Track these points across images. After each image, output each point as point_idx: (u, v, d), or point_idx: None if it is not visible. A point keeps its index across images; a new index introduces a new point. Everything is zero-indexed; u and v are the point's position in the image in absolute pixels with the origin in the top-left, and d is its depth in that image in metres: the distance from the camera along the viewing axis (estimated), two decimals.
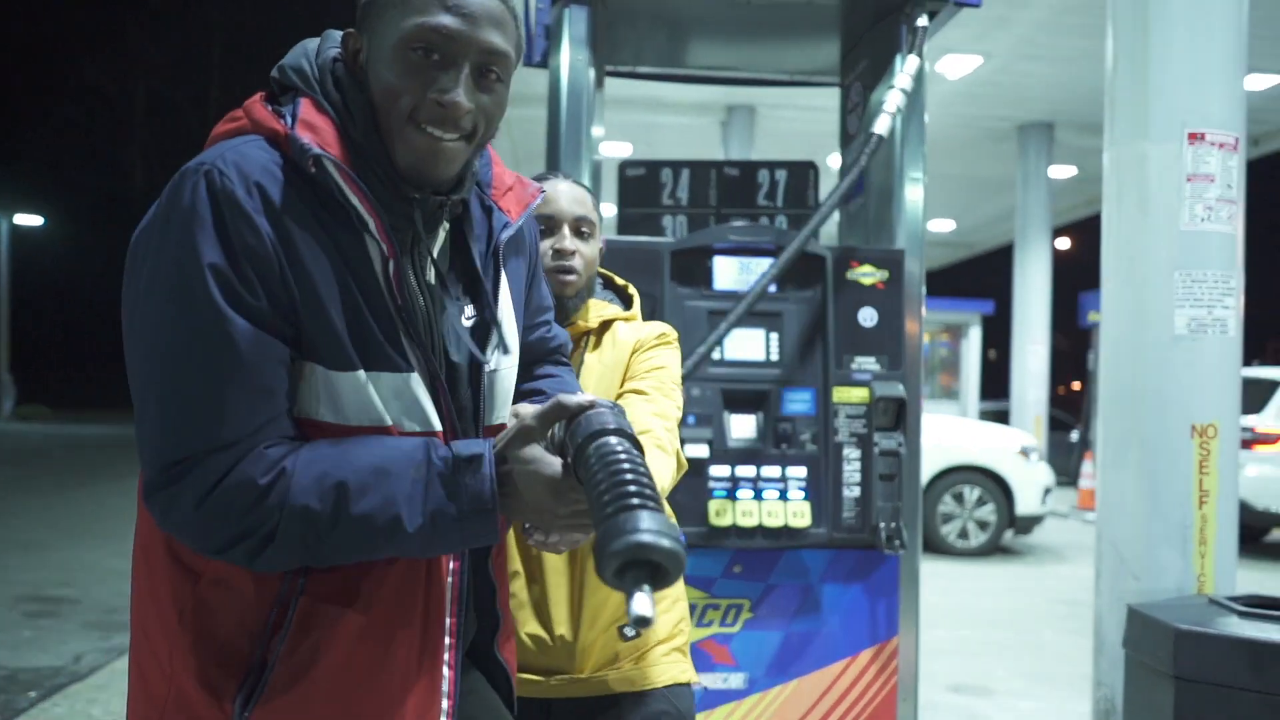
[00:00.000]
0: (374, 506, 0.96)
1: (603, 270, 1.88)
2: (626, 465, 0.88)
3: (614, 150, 12.88)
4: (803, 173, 3.22)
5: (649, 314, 2.57)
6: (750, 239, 2.81)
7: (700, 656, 2.78)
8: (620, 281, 1.91)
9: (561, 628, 1.63)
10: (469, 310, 1.16)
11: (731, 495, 2.71)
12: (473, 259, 1.15)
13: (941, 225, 17.89)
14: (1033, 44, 8.97)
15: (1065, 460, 13.02)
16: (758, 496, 2.73)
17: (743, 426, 2.80)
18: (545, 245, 1.67)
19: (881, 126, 2.73)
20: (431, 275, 1.11)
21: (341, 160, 1.02)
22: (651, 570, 0.82)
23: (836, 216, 3.41)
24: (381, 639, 1.05)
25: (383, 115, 1.04)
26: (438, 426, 1.08)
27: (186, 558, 1.04)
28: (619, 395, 1.66)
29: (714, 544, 2.71)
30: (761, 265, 2.82)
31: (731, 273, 2.84)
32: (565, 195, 1.71)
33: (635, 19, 3.17)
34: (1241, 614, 2.58)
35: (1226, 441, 3.08)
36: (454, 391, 1.12)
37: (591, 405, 0.99)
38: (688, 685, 1.70)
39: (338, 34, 1.12)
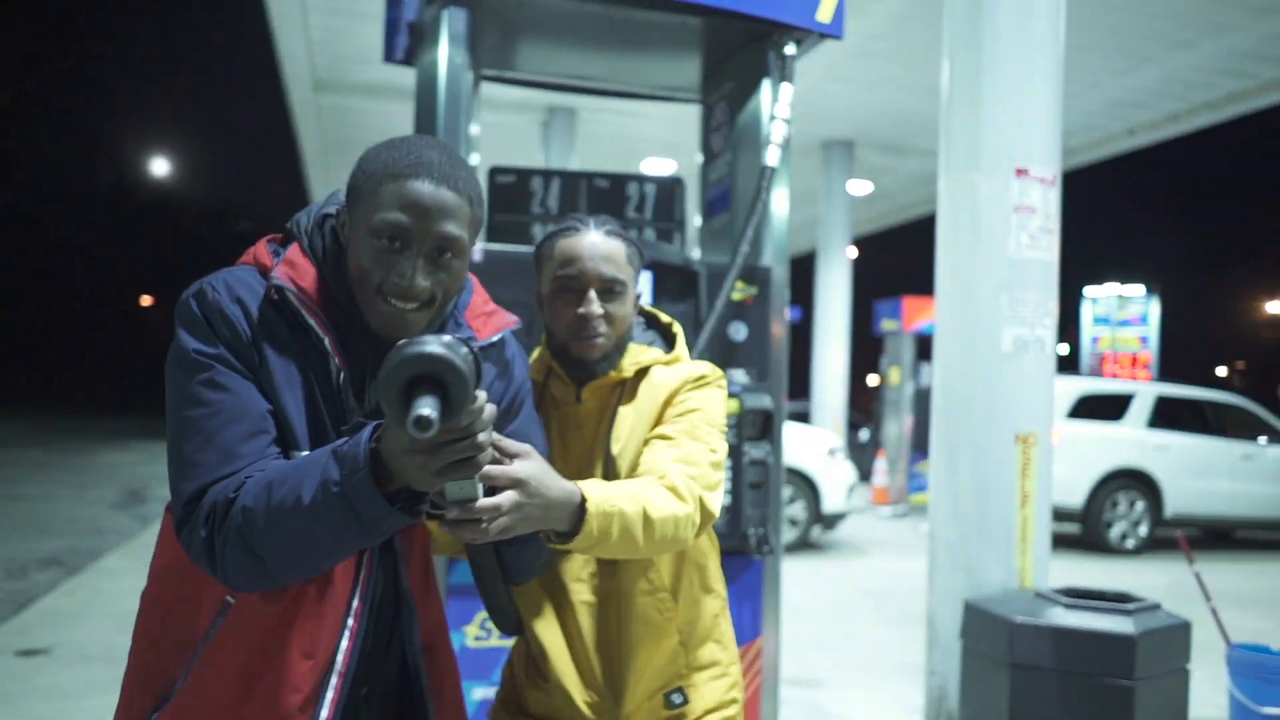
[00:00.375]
0: (286, 492, 1.14)
1: (646, 309, 1.76)
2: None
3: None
4: (670, 187, 3.30)
5: (527, 326, 2.56)
6: None
7: None
8: (665, 320, 1.75)
9: (602, 693, 1.56)
10: None
11: None
12: None
13: None
14: (840, 67, 9.52)
15: (858, 459, 13.89)
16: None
17: None
18: (568, 310, 1.58)
19: (773, 158, 2.88)
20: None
21: (311, 293, 1.28)
22: (437, 386, 0.97)
23: (697, 230, 3.51)
24: (260, 677, 1.24)
25: (357, 286, 1.28)
26: None
27: (163, 596, 1.31)
28: (646, 441, 1.55)
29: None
30: (640, 278, 2.87)
31: None
32: (591, 253, 1.58)
33: (506, 24, 3.14)
34: (1067, 605, 2.88)
35: (1043, 448, 3.42)
36: None
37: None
38: None
39: (341, 194, 1.36)
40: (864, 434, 16.61)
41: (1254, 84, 10.05)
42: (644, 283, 2.89)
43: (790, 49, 3.05)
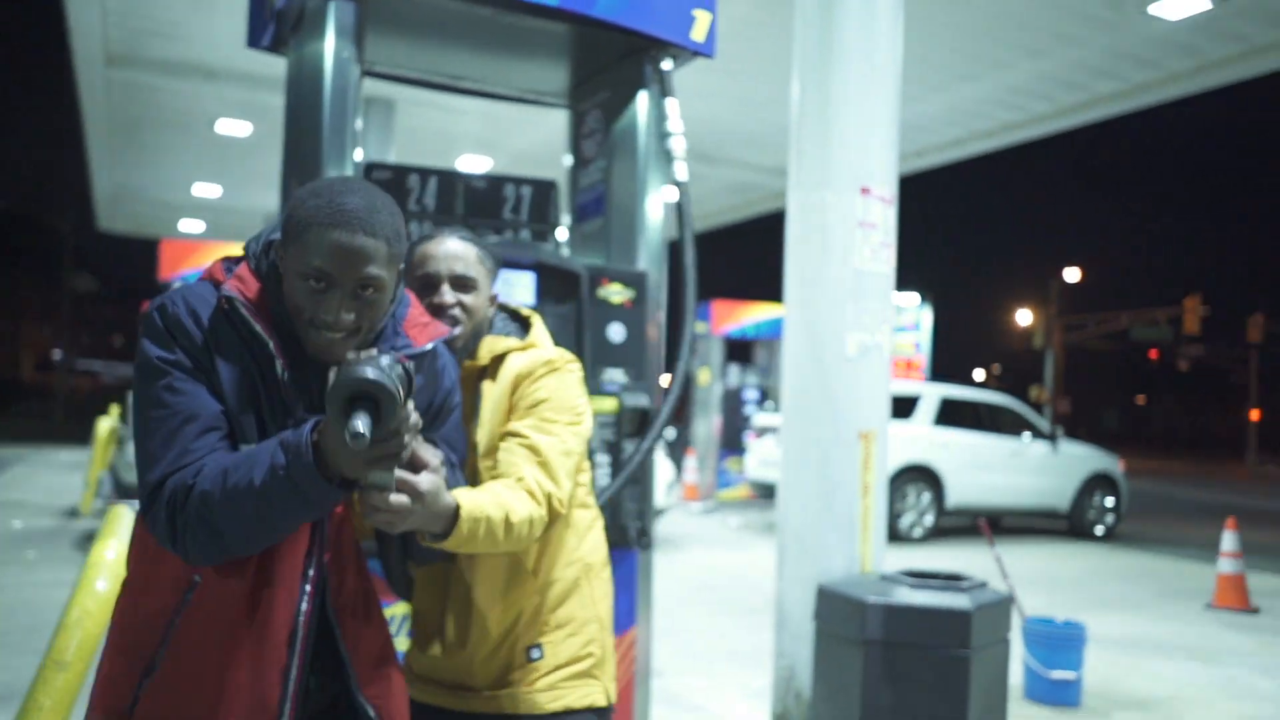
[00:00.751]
0: (240, 477, 1.31)
1: (505, 305, 1.94)
2: (350, 360, 1.24)
3: (231, 129, 11.96)
4: (545, 190, 3.37)
5: None
6: (513, 254, 2.91)
7: None
8: (524, 313, 1.94)
9: (454, 642, 1.72)
10: None
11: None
12: None
13: None
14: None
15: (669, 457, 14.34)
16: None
17: None
18: (429, 303, 1.78)
19: (682, 173, 3.04)
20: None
21: (258, 303, 1.45)
22: (371, 403, 1.20)
23: (568, 233, 3.60)
24: (228, 636, 1.40)
25: (293, 316, 1.44)
26: None
27: (137, 578, 1.48)
28: (502, 436, 1.71)
29: None
30: (522, 279, 2.93)
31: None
32: (443, 254, 1.81)
33: (386, 19, 3.11)
34: (911, 585, 3.18)
35: (881, 444, 3.74)
36: None
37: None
38: (589, 710, 1.77)
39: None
40: (671, 433, 17.13)
41: (1023, 116, 11.21)
42: (527, 284, 2.96)
43: (667, 64, 3.20)
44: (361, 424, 1.17)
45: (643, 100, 3.22)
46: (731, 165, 12.93)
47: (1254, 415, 36.10)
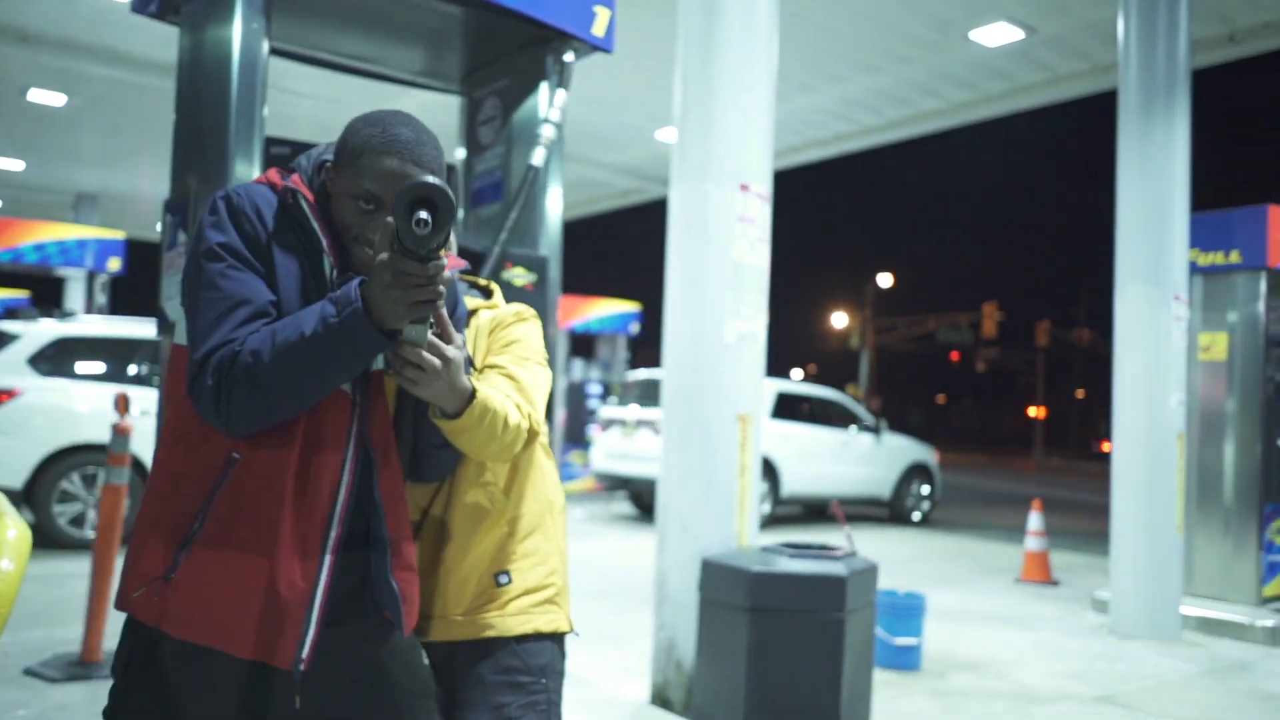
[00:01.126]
0: (290, 331, 1.42)
1: (464, 275, 2.02)
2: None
3: (46, 98, 11.09)
4: (447, 174, 3.41)
5: None
6: None
7: None
8: (482, 283, 2.06)
9: (427, 570, 1.80)
10: None
11: None
12: None
13: None
14: None
15: None
16: None
17: None
18: None
19: (539, 159, 3.12)
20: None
21: (313, 205, 1.54)
22: (431, 206, 1.29)
23: (463, 218, 3.65)
24: (272, 506, 1.47)
25: (340, 232, 1.55)
26: None
27: (176, 452, 1.53)
28: (480, 370, 1.79)
29: None
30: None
31: None
32: None
33: None
34: (791, 556, 3.43)
35: (755, 427, 3.98)
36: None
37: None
38: (551, 635, 1.86)
39: (333, 144, 1.62)
40: None
41: (854, 128, 11.92)
42: None
43: (569, 56, 3.31)
44: (425, 212, 1.29)
45: (544, 91, 3.32)
46: (575, 161, 13.07)
47: (1040, 413, 39.51)
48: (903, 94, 10.64)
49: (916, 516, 12.28)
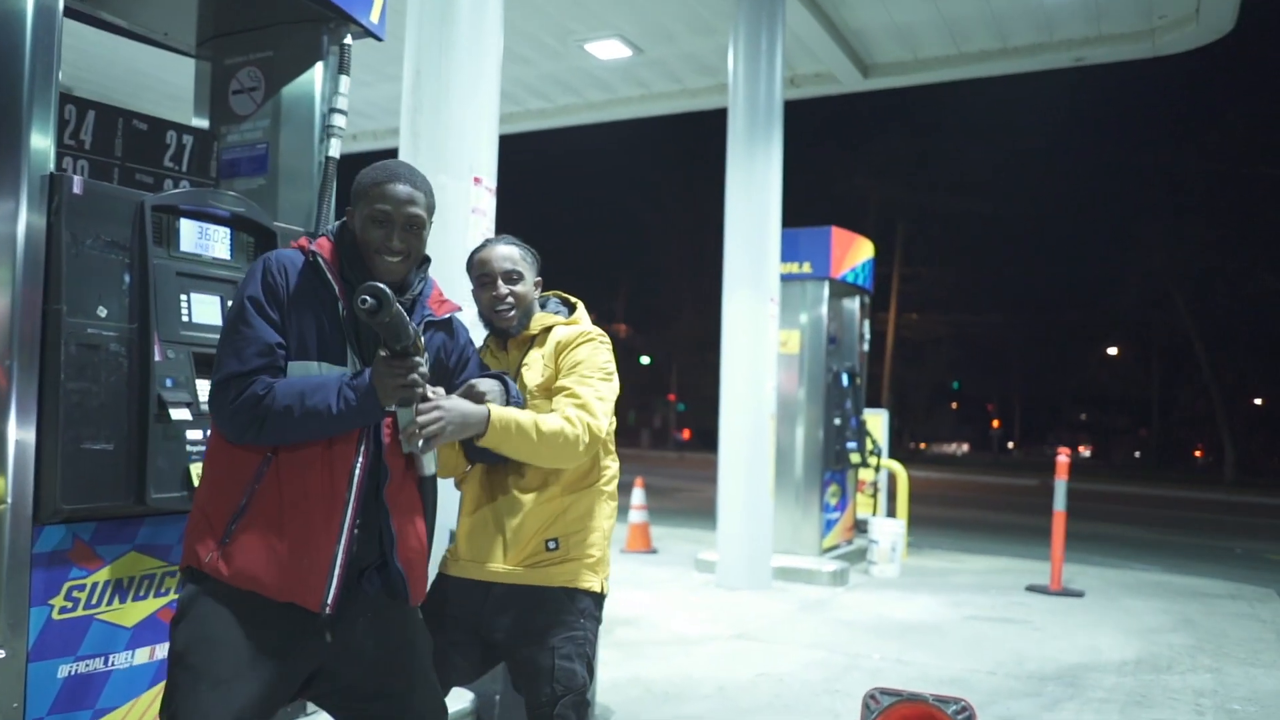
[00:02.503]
0: (316, 402, 2.00)
1: (557, 293, 2.70)
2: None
3: None
4: (207, 141, 3.33)
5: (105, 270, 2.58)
6: (214, 205, 2.94)
7: (158, 626, 2.81)
8: (572, 300, 2.68)
9: (494, 528, 2.47)
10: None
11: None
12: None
13: None
14: None
15: None
16: None
17: (207, 391, 2.91)
18: (486, 295, 2.58)
19: (335, 150, 3.27)
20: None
21: (330, 261, 2.15)
22: (374, 293, 1.88)
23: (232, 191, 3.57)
24: (302, 494, 2.04)
25: (364, 252, 2.16)
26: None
27: (223, 452, 2.11)
28: (551, 389, 2.43)
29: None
30: (219, 234, 2.99)
31: (192, 236, 2.92)
32: (496, 256, 2.59)
33: None
34: None
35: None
36: None
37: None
38: (588, 591, 2.46)
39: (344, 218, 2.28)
40: None
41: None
42: (223, 239, 3.01)
43: (348, 39, 3.44)
44: (366, 298, 1.88)
45: (319, 71, 3.42)
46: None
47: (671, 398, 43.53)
48: (512, 91, 11.34)
49: None
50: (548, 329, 2.57)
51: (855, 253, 8.80)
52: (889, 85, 10.08)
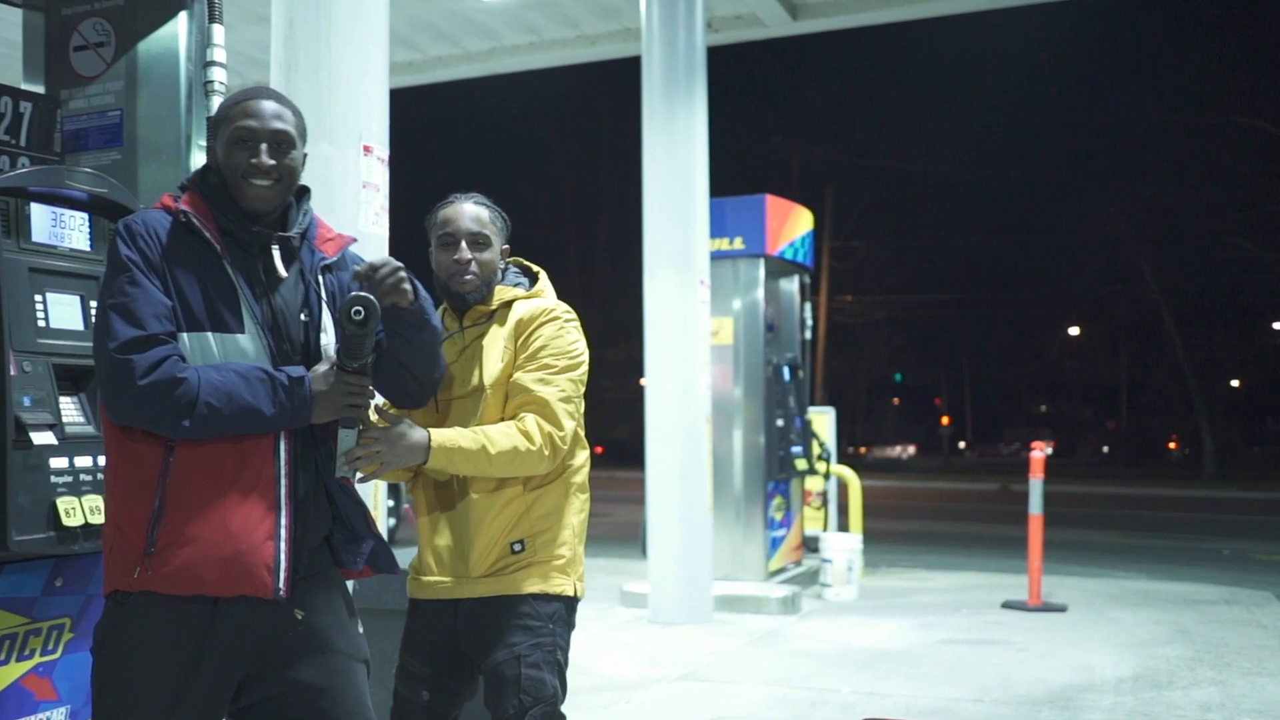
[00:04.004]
0: (246, 402, 2.12)
1: (519, 260, 2.86)
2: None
3: None
4: (49, 109, 3.30)
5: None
6: (70, 186, 2.93)
7: (21, 697, 2.79)
8: (535, 269, 2.83)
9: (456, 536, 2.65)
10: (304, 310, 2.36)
11: (77, 491, 2.82)
12: (303, 278, 2.36)
13: None
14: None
15: None
16: (99, 490, 2.89)
17: (71, 409, 2.90)
18: (446, 257, 2.70)
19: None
20: (262, 273, 2.28)
21: (202, 215, 2.25)
22: (364, 304, 2.12)
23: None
24: (220, 473, 2.17)
25: (230, 181, 2.26)
26: (266, 365, 2.21)
27: (121, 452, 2.21)
28: (510, 378, 2.63)
29: (67, 548, 2.76)
30: (76, 220, 2.98)
31: (45, 225, 2.91)
32: (462, 214, 2.71)
33: None
34: None
35: None
36: (290, 348, 2.29)
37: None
38: (559, 595, 2.66)
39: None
40: None
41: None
42: (81, 226, 3.00)
43: None
44: (360, 309, 2.11)
45: (183, 22, 3.42)
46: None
47: None
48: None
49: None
50: (508, 304, 2.73)
51: (793, 224, 9.06)
52: (819, 29, 10.37)
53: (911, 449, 63.74)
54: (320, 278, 2.38)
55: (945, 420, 55.47)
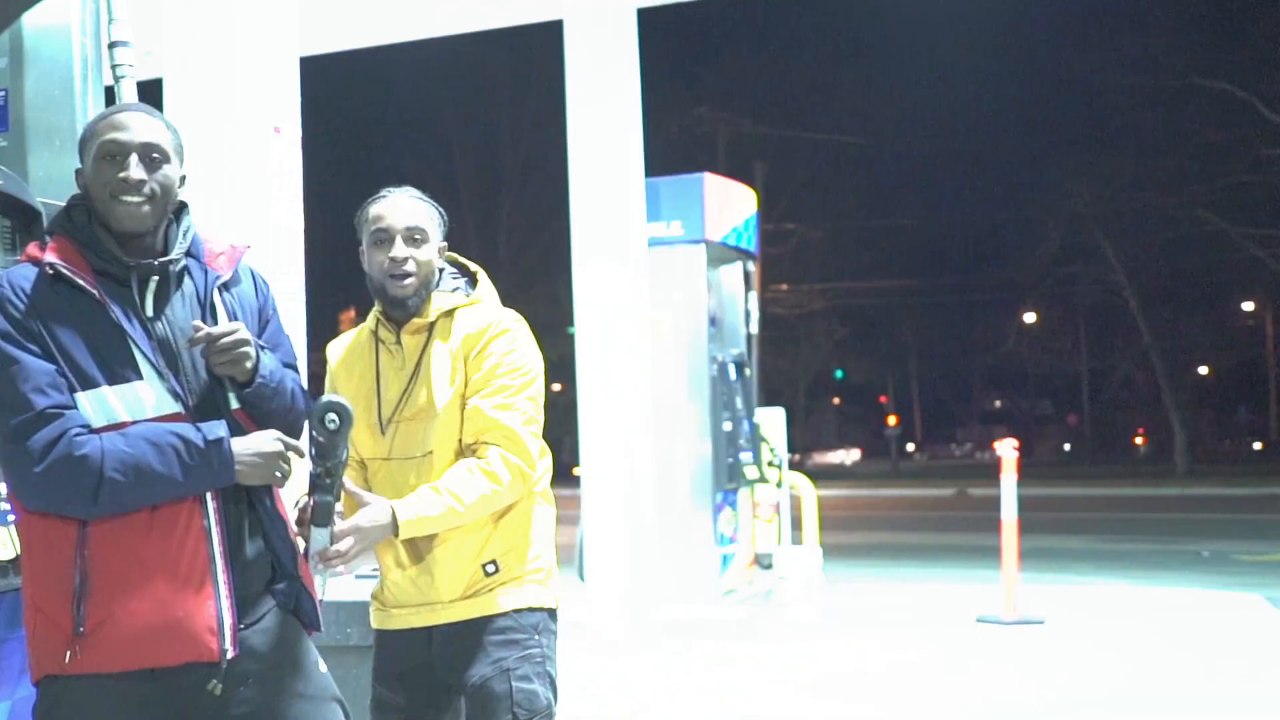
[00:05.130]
0: (158, 473, 2.14)
1: (454, 256, 2.87)
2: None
3: None
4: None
5: None
6: None
7: None
8: (472, 268, 2.84)
9: (419, 563, 2.71)
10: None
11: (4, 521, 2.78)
12: (198, 302, 2.35)
13: None
14: None
15: None
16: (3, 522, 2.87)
17: None
18: (381, 256, 2.70)
19: (130, 94, 3.27)
20: (151, 309, 2.28)
21: (72, 262, 2.23)
22: (339, 410, 2.32)
23: None
24: (148, 535, 2.17)
25: (99, 205, 2.25)
26: (177, 410, 2.23)
27: (33, 529, 2.23)
28: (465, 401, 2.68)
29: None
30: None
31: None
32: (396, 208, 2.73)
33: None
34: None
35: None
36: (197, 386, 2.29)
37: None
38: (540, 609, 2.74)
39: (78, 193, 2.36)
40: None
41: None
42: None
43: None
44: (335, 417, 2.30)
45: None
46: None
47: None
48: None
49: None
50: (448, 313, 2.77)
51: (736, 207, 9.18)
52: None
53: (856, 453, 64.46)
54: (218, 298, 2.37)
55: (892, 420, 56.24)
